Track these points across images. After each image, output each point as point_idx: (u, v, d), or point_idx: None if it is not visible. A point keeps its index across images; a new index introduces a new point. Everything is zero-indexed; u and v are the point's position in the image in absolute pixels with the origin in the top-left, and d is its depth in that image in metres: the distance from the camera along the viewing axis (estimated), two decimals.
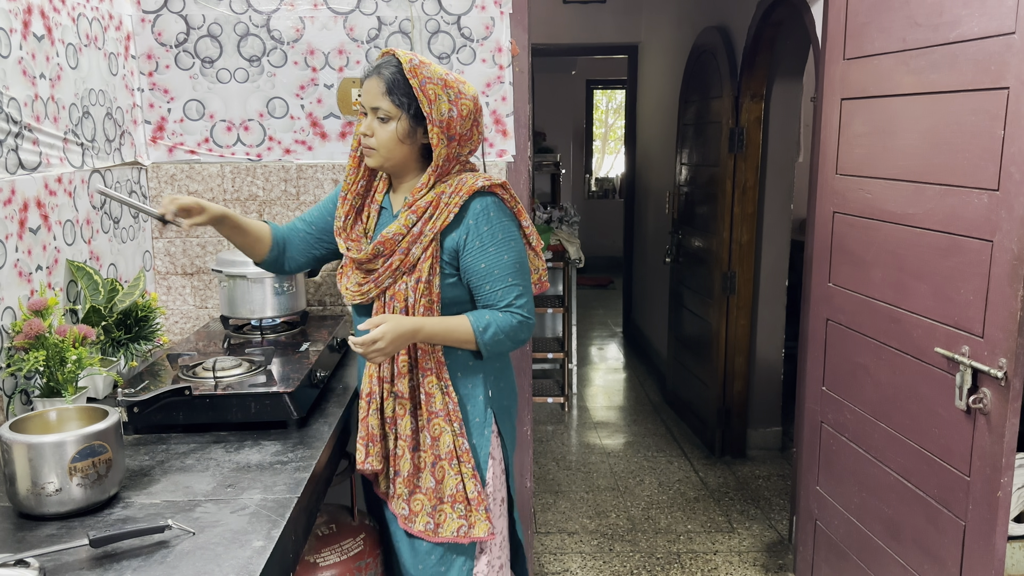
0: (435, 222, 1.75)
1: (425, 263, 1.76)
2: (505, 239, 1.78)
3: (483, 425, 1.88)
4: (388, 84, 1.73)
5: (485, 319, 1.77)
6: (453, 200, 1.75)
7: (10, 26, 1.81)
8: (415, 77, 1.71)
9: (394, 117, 1.74)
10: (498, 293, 1.78)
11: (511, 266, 1.78)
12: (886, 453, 2.24)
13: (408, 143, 1.77)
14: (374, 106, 1.75)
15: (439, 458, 1.82)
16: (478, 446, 1.87)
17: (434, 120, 1.72)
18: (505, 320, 1.78)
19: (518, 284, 1.79)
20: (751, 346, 4.16)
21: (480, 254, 1.77)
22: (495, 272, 1.77)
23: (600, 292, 8.56)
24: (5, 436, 1.39)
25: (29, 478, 1.38)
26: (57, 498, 1.39)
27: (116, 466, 1.46)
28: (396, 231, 1.76)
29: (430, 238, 1.76)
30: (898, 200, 2.15)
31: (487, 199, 1.78)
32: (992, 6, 1.80)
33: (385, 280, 1.79)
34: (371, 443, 1.85)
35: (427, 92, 1.71)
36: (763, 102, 3.90)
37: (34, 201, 1.88)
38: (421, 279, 1.76)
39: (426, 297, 1.77)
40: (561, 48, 6.32)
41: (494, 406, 1.91)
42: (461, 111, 1.75)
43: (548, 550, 3.29)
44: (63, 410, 1.54)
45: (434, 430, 1.81)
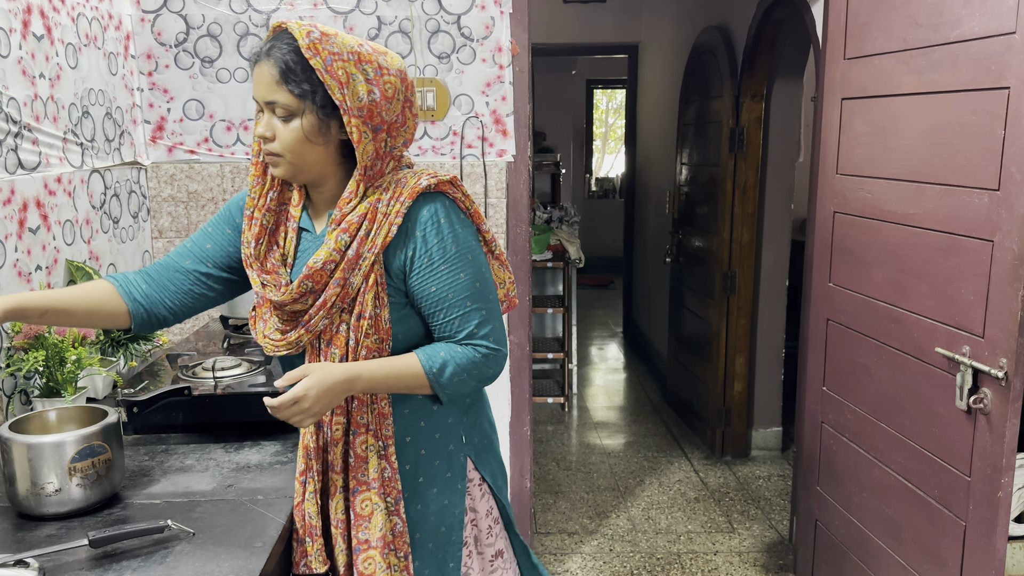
0: (374, 239, 1.36)
1: (368, 294, 1.37)
2: (459, 253, 1.40)
3: (455, 480, 1.52)
4: (282, 69, 1.32)
5: (440, 356, 1.40)
6: (393, 208, 1.36)
7: (10, 26, 1.81)
8: (317, 55, 1.31)
9: (296, 112, 1.33)
10: (454, 323, 1.41)
11: (468, 287, 1.40)
12: (886, 453, 2.24)
13: (321, 142, 1.37)
14: (269, 100, 1.34)
15: (368, 545, 1.43)
16: (452, 504, 1.52)
17: (350, 108, 1.32)
18: (465, 355, 1.41)
19: (479, 308, 1.42)
20: (751, 346, 4.16)
21: (429, 275, 1.39)
22: (449, 296, 1.39)
23: (600, 292, 8.55)
24: (5, 436, 1.39)
25: (29, 478, 1.38)
26: (56, 498, 1.39)
27: (116, 466, 1.46)
28: (327, 258, 1.36)
29: (370, 261, 1.36)
30: (898, 200, 2.15)
31: (435, 202, 1.39)
32: (992, 6, 1.80)
33: (319, 323, 1.39)
34: (309, 538, 1.45)
35: (335, 72, 1.31)
36: (763, 102, 3.90)
37: (33, 201, 1.88)
38: (364, 314, 1.38)
39: (372, 336, 1.39)
40: (561, 48, 6.31)
41: (471, 451, 1.55)
42: (385, 91, 1.36)
43: (548, 550, 3.29)
44: (63, 410, 1.54)
45: (362, 507, 1.43)
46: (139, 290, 1.50)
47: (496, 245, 1.52)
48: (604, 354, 6.34)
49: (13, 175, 1.81)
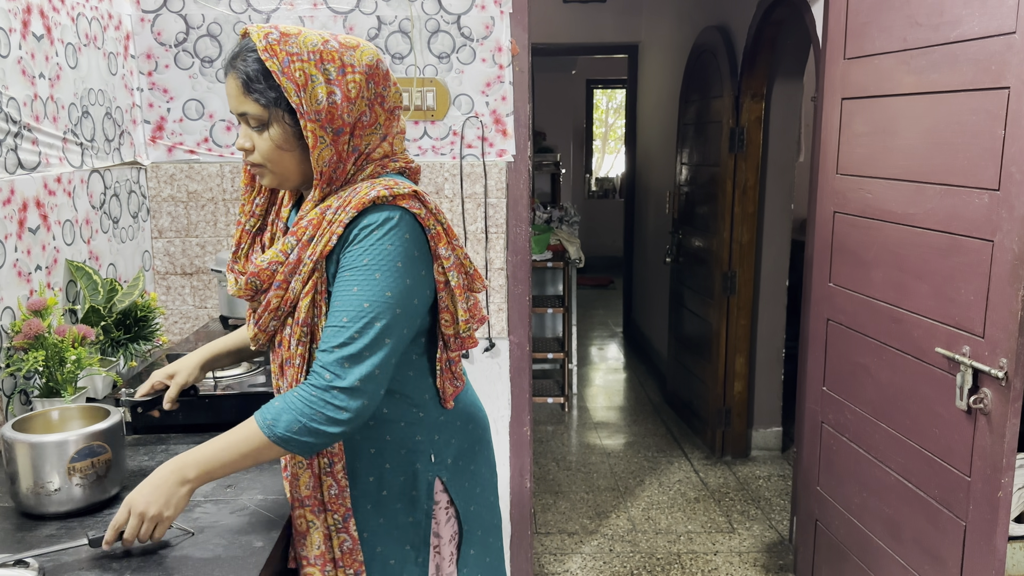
0: (315, 246, 1.30)
1: (305, 300, 1.31)
2: (370, 266, 1.27)
3: (421, 499, 1.44)
4: (244, 80, 1.28)
5: (275, 406, 1.27)
6: (339, 217, 1.29)
7: (9, 26, 1.81)
8: (273, 57, 1.26)
9: (266, 121, 1.30)
10: (327, 332, 1.28)
11: (355, 303, 1.26)
12: (887, 453, 2.24)
13: (296, 148, 1.32)
14: (240, 112, 1.31)
15: (308, 562, 1.40)
16: (416, 523, 1.44)
17: (307, 113, 1.27)
18: (302, 397, 1.25)
19: (350, 329, 1.26)
20: (751, 346, 4.16)
21: (336, 281, 1.31)
22: (336, 304, 1.29)
23: (600, 292, 8.55)
24: (7, 435, 1.40)
25: (31, 477, 1.38)
26: (57, 498, 1.39)
27: (116, 466, 1.46)
28: (272, 258, 1.33)
29: (309, 268, 1.30)
30: (899, 200, 2.15)
31: (383, 213, 1.29)
32: (992, 6, 1.80)
33: (268, 323, 1.36)
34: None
35: (292, 75, 1.26)
36: (763, 102, 3.90)
37: (33, 201, 1.88)
38: (300, 321, 1.32)
39: (305, 345, 1.33)
40: (561, 48, 6.31)
41: (442, 472, 1.46)
42: (348, 92, 1.29)
43: (548, 550, 3.29)
44: (65, 409, 1.54)
45: (299, 524, 1.41)
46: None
47: (455, 275, 1.37)
48: (604, 354, 6.34)
49: (13, 175, 1.81)
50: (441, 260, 1.35)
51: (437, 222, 1.34)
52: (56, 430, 1.49)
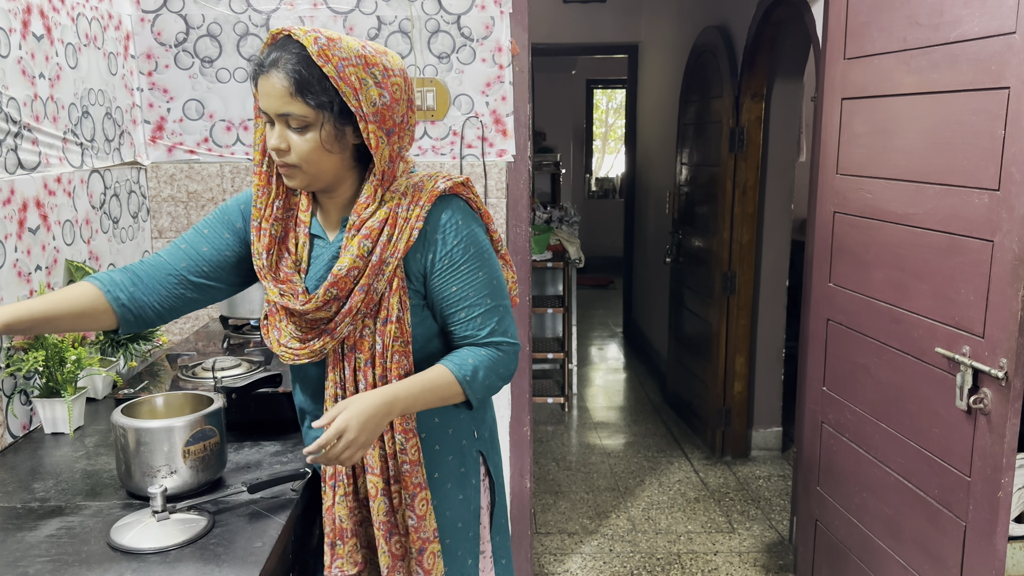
0: (396, 244, 1.36)
1: (393, 298, 1.38)
2: (477, 253, 1.42)
3: (469, 474, 1.53)
4: (296, 81, 1.27)
5: (469, 363, 1.40)
6: (414, 212, 1.36)
7: (9, 26, 1.81)
8: (328, 62, 1.27)
9: (313, 123, 1.30)
10: (476, 321, 1.42)
11: (487, 285, 1.43)
12: (887, 453, 2.24)
13: (337, 150, 1.34)
14: (282, 113, 1.30)
15: (427, 542, 1.44)
16: (467, 500, 1.53)
17: (367, 115, 1.30)
18: (490, 356, 1.43)
19: (497, 305, 1.44)
20: (751, 346, 4.16)
21: (451, 275, 1.40)
22: (470, 296, 1.41)
23: (600, 292, 8.55)
24: (122, 421, 1.45)
25: (147, 460, 1.44)
26: (170, 480, 1.45)
27: (223, 449, 1.54)
28: (351, 265, 1.35)
29: (393, 265, 1.36)
30: (899, 200, 2.15)
31: (451, 205, 1.41)
32: (992, 6, 1.80)
33: (345, 330, 1.39)
34: (340, 540, 1.46)
35: (348, 79, 1.28)
36: (763, 102, 3.90)
37: (33, 201, 1.88)
38: (391, 318, 1.38)
39: (399, 340, 1.40)
40: (561, 48, 6.31)
41: (481, 445, 1.57)
42: (393, 93, 1.33)
43: (548, 550, 3.29)
44: (169, 395, 1.61)
45: (420, 507, 1.44)
46: (125, 293, 1.45)
47: (502, 244, 1.53)
48: (604, 354, 6.34)
49: (13, 175, 1.81)
50: (491, 234, 1.50)
51: (481, 204, 1.49)
52: (162, 416, 1.56)
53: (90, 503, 1.47)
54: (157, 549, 1.30)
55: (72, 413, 1.80)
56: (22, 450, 1.73)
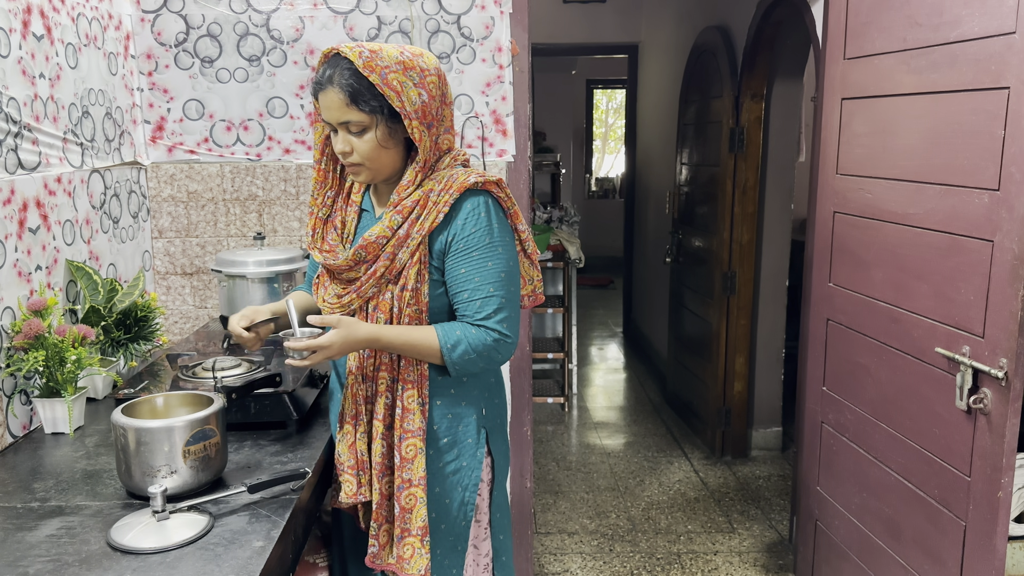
0: (423, 223, 1.56)
1: (412, 269, 1.57)
2: (493, 244, 1.58)
3: (475, 446, 1.69)
4: (350, 93, 1.51)
5: (456, 334, 1.57)
6: (443, 198, 1.56)
7: (10, 26, 1.81)
8: (373, 72, 1.50)
9: (369, 126, 1.54)
10: (475, 304, 1.57)
11: (494, 275, 1.57)
12: (886, 453, 2.24)
13: (392, 145, 1.58)
14: (343, 121, 1.54)
15: (410, 484, 1.60)
16: (469, 468, 1.68)
17: (409, 113, 1.52)
18: (479, 337, 1.57)
19: (498, 296, 1.58)
20: (751, 346, 4.16)
21: (463, 258, 1.57)
22: (475, 279, 1.57)
23: (600, 292, 8.55)
24: (122, 421, 1.46)
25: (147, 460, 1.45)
26: (170, 480, 1.45)
27: (223, 449, 1.54)
28: (380, 234, 1.57)
29: (417, 241, 1.56)
30: (898, 200, 2.15)
31: (480, 197, 1.58)
32: (992, 6, 1.80)
33: (368, 290, 1.60)
34: (361, 471, 1.65)
35: (391, 84, 1.51)
36: (763, 102, 3.90)
37: (33, 201, 1.88)
38: (407, 287, 1.58)
39: (413, 306, 1.59)
40: (561, 48, 6.31)
41: (487, 425, 1.72)
42: (431, 91, 1.55)
43: (548, 550, 3.29)
44: (168, 396, 1.61)
45: (407, 451, 1.60)
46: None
47: (529, 244, 1.69)
48: (604, 354, 6.34)
49: (13, 175, 1.81)
50: (519, 233, 1.67)
51: (512, 204, 1.64)
52: (162, 416, 1.57)
53: (90, 503, 1.47)
54: (157, 549, 1.30)
55: (72, 413, 1.80)
56: (22, 450, 1.73)
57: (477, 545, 1.78)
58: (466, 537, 1.70)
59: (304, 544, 1.62)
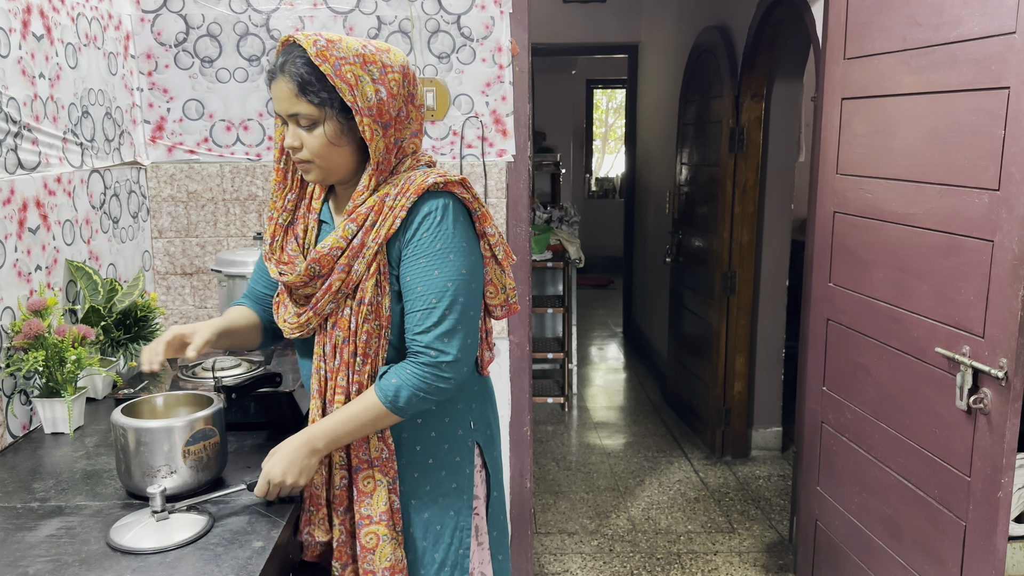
0: (378, 230, 1.43)
1: (369, 281, 1.44)
2: (443, 250, 1.43)
3: (464, 464, 1.58)
4: (299, 82, 1.39)
5: (392, 383, 1.43)
6: (399, 202, 1.43)
7: (9, 26, 1.81)
8: (326, 62, 1.37)
9: (318, 120, 1.41)
10: (415, 316, 1.43)
11: (439, 285, 1.42)
12: (887, 453, 2.24)
13: (344, 143, 1.44)
14: (291, 113, 1.42)
15: (370, 520, 1.48)
16: (460, 489, 1.57)
17: (361, 109, 1.39)
18: (415, 373, 1.43)
19: (440, 307, 1.42)
20: (751, 346, 4.16)
21: (411, 265, 1.44)
22: (417, 289, 1.43)
23: (600, 292, 8.55)
24: (121, 421, 1.46)
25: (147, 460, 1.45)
26: (170, 480, 1.45)
27: (222, 449, 1.54)
28: (333, 244, 1.44)
29: (373, 251, 1.43)
30: (898, 200, 2.15)
31: (439, 200, 1.44)
32: (992, 6, 1.80)
33: (326, 307, 1.47)
34: (313, 507, 1.53)
35: (344, 76, 1.38)
36: (763, 102, 3.90)
37: (33, 201, 1.88)
38: (364, 301, 1.44)
39: (371, 322, 1.45)
40: (561, 48, 6.31)
41: (479, 437, 1.62)
42: (390, 89, 1.42)
43: (548, 550, 3.29)
44: (168, 396, 1.61)
45: (364, 484, 1.49)
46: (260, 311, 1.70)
47: (500, 249, 1.55)
48: (604, 354, 6.34)
49: (13, 175, 1.81)
50: (488, 237, 1.52)
51: (480, 205, 1.50)
52: (162, 416, 1.56)
53: (90, 503, 1.47)
54: (156, 549, 1.30)
55: (72, 413, 1.80)
56: (22, 450, 1.73)
57: (483, 572, 1.66)
58: (465, 567, 1.58)
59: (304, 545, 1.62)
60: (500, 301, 1.59)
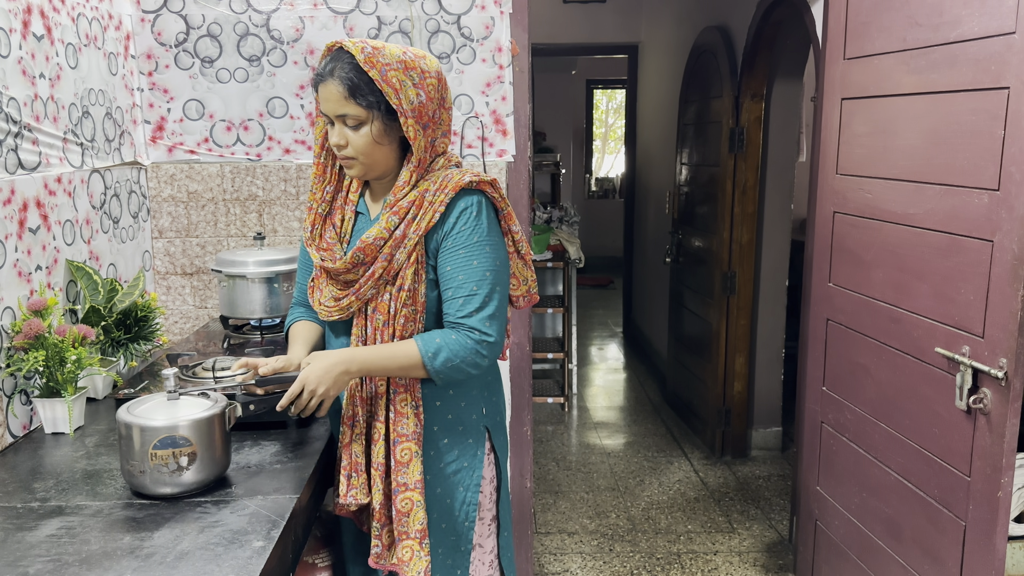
0: (419, 223, 1.57)
1: (409, 269, 1.57)
2: (480, 242, 1.58)
3: (476, 445, 1.71)
4: (349, 86, 1.51)
5: (436, 342, 1.56)
6: (438, 198, 1.57)
7: (10, 26, 1.81)
8: (373, 68, 1.51)
9: (365, 120, 1.54)
10: (457, 301, 1.57)
11: (479, 273, 1.57)
12: (886, 453, 2.24)
13: (387, 142, 1.58)
14: (340, 114, 1.55)
15: (406, 487, 1.61)
16: (471, 468, 1.70)
17: (406, 111, 1.53)
18: (459, 343, 1.56)
19: (481, 294, 1.57)
20: (751, 346, 4.16)
21: (450, 255, 1.58)
22: (459, 277, 1.57)
23: (600, 292, 8.55)
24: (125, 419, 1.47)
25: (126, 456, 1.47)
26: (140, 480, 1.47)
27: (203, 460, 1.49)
28: (377, 235, 1.57)
29: (414, 241, 1.57)
30: (898, 200, 2.15)
31: (473, 197, 1.59)
32: (992, 6, 1.80)
33: (367, 292, 1.60)
34: (355, 473, 1.64)
35: (390, 81, 1.51)
36: (763, 102, 3.90)
37: (34, 201, 1.88)
38: (404, 287, 1.57)
39: (409, 307, 1.59)
40: (561, 48, 6.31)
41: (489, 423, 1.74)
42: (429, 93, 1.56)
43: (548, 550, 3.29)
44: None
45: (402, 455, 1.61)
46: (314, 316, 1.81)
47: (523, 245, 1.69)
48: (604, 354, 6.34)
49: (13, 175, 1.81)
50: (512, 234, 1.67)
51: (506, 204, 1.64)
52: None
53: (90, 503, 1.47)
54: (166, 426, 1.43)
55: (72, 413, 1.80)
56: (22, 450, 1.73)
57: (482, 543, 1.78)
58: (469, 537, 1.71)
59: (304, 544, 1.62)
60: (523, 292, 1.73)
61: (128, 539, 1.33)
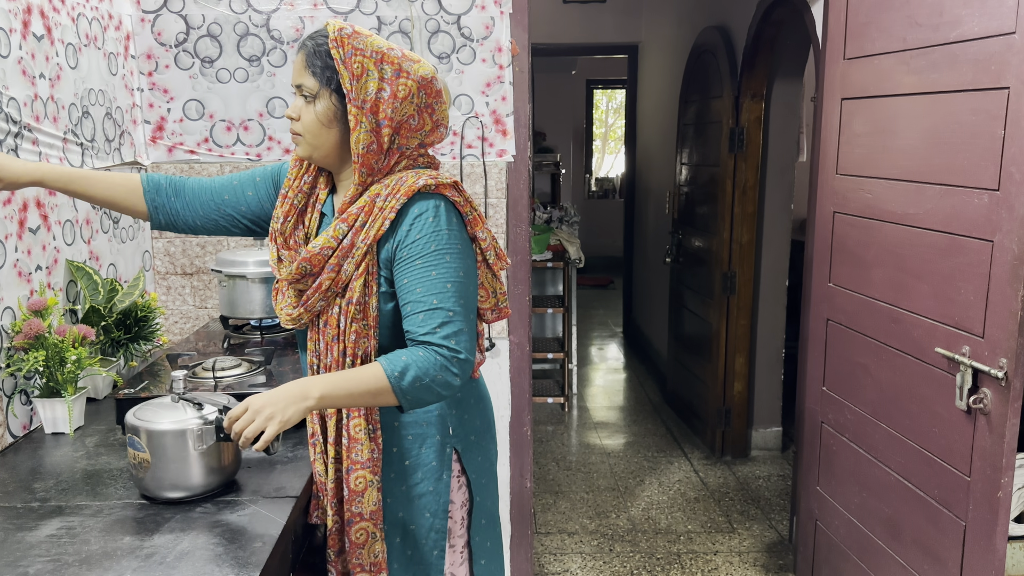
0: (368, 231, 1.44)
1: (358, 281, 1.45)
2: (439, 251, 1.43)
3: (441, 468, 1.58)
4: (308, 56, 1.44)
5: (401, 360, 1.40)
6: (389, 203, 1.43)
7: (10, 26, 1.81)
8: (340, 47, 1.41)
9: (317, 95, 1.44)
10: (417, 317, 1.42)
11: (439, 285, 1.42)
12: (886, 453, 2.24)
13: (335, 127, 1.46)
14: (297, 83, 1.46)
15: (360, 518, 1.51)
16: (436, 492, 1.58)
17: (353, 98, 1.41)
18: (427, 359, 1.40)
19: (444, 308, 1.42)
20: (751, 346, 4.16)
21: (406, 267, 1.44)
22: (417, 290, 1.42)
23: (600, 292, 8.55)
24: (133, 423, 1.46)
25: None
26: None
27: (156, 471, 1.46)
28: (324, 244, 1.45)
29: (363, 251, 1.44)
30: (898, 200, 2.15)
31: (430, 201, 1.45)
32: (992, 6, 1.80)
33: (316, 304, 1.48)
34: (321, 493, 1.55)
35: (350, 65, 1.41)
36: (763, 102, 3.90)
37: (33, 201, 1.88)
38: (353, 300, 1.45)
39: (359, 322, 1.46)
40: (561, 48, 6.31)
41: (457, 443, 1.61)
42: (396, 91, 1.43)
43: (548, 550, 3.29)
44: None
45: (356, 484, 1.50)
46: (162, 197, 1.64)
47: (492, 254, 1.55)
48: (604, 354, 6.34)
49: None
50: (479, 242, 1.53)
51: (472, 208, 1.50)
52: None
53: (90, 503, 1.47)
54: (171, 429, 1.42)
55: (72, 413, 1.80)
56: (22, 450, 1.73)
57: (455, 572, 1.67)
58: (440, 567, 1.60)
59: (304, 544, 1.62)
60: (491, 305, 1.60)
61: (128, 539, 1.33)
